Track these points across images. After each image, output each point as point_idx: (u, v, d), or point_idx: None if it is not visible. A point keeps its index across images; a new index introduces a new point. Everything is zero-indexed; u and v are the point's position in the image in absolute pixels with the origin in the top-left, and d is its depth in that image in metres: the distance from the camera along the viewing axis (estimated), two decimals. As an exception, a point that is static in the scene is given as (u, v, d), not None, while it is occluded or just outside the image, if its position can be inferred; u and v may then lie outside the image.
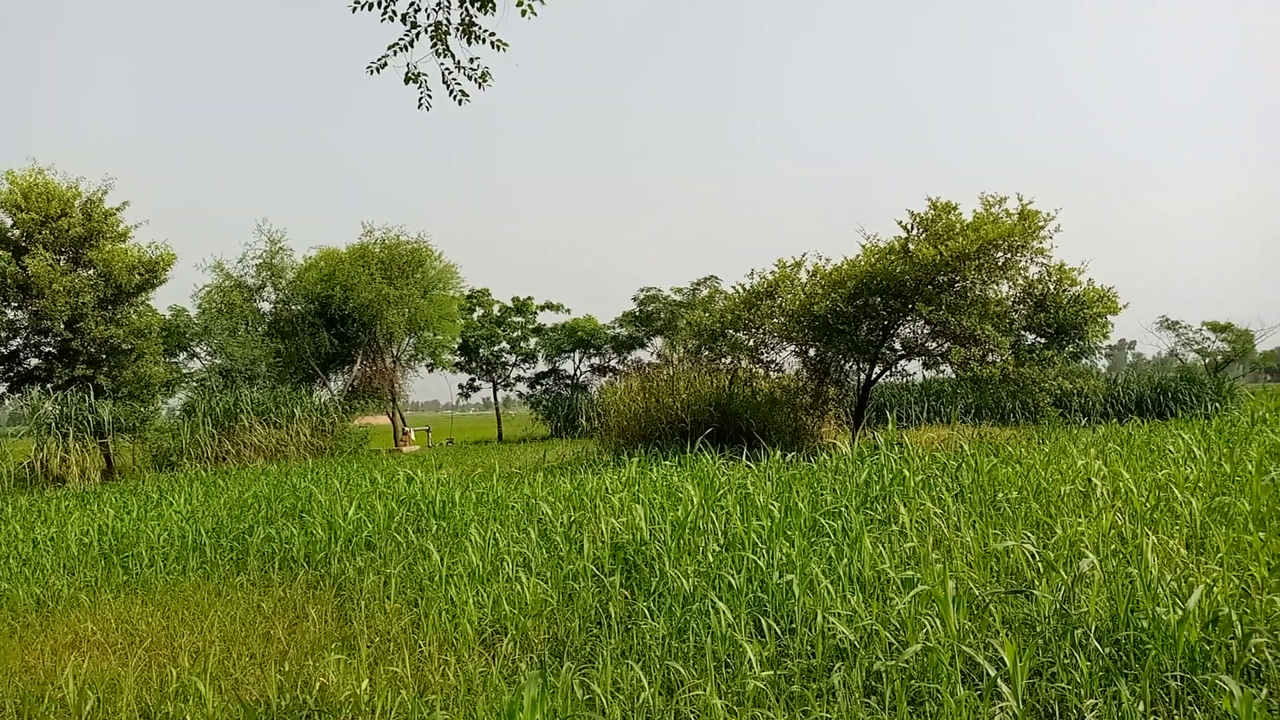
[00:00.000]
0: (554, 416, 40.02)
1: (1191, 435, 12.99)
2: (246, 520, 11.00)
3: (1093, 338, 18.74)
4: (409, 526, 9.62)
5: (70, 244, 25.05)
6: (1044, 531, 7.10)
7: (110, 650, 6.51)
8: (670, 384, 20.26)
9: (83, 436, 23.28)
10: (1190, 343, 37.48)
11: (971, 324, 16.95)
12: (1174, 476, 8.83)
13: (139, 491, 16.34)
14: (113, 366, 25.51)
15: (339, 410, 29.90)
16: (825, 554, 6.67)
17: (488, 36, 6.96)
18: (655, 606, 6.01)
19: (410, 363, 37.09)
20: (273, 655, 5.98)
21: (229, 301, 31.78)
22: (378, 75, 6.89)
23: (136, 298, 26.42)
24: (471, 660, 5.51)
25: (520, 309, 44.02)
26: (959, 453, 11.34)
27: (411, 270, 34.00)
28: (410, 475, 13.63)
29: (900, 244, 18.09)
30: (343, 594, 7.52)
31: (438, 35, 6.86)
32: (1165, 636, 4.51)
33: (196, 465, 23.33)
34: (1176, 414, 26.32)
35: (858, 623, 5.13)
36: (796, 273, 20.21)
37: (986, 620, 5.15)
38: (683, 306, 39.35)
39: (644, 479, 11.06)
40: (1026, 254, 17.82)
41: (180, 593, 8.07)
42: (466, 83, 7.26)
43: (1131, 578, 5.29)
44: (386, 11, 6.70)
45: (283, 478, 16.32)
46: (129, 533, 10.80)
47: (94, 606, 7.83)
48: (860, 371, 20.72)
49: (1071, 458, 10.93)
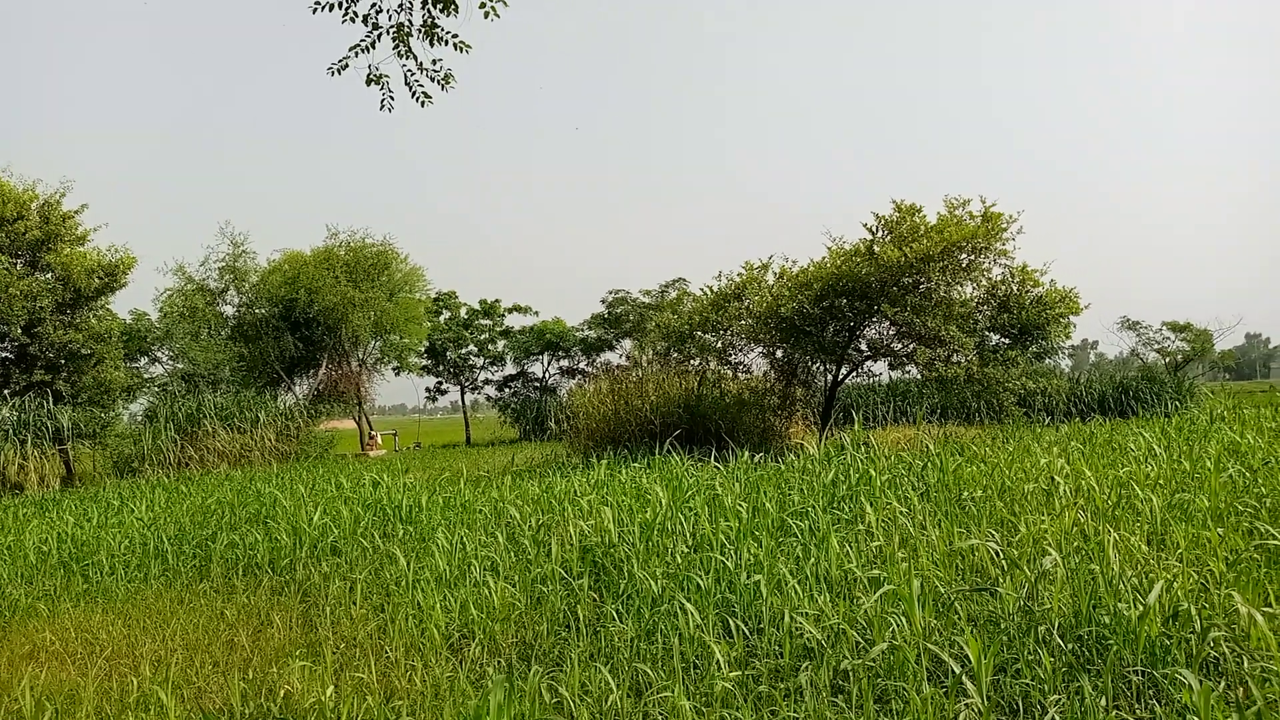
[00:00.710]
0: (522, 419, 39.91)
1: (1152, 433, 13.19)
2: (210, 527, 10.86)
3: (1055, 338, 18.98)
4: (375, 531, 9.53)
5: (27, 247, 24.61)
6: (1008, 529, 7.17)
7: (69, 660, 6.39)
8: (639, 386, 20.25)
9: (41, 443, 22.89)
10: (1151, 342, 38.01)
11: (936, 325, 17.11)
12: (1135, 474, 8.96)
13: (99, 498, 16.07)
14: (72, 371, 25.08)
15: (304, 415, 29.60)
16: (793, 554, 6.70)
17: (450, 38, 6.92)
18: (623, 609, 6.00)
19: (377, 366, 36.82)
20: (236, 663, 5.90)
21: (191, 305, 31.36)
22: (339, 76, 6.83)
23: (96, 302, 25.98)
24: (438, 665, 5.47)
25: (488, 311, 43.83)
26: (924, 452, 11.43)
27: (377, 273, 33.76)
28: (377, 480, 13.51)
29: (865, 246, 18.23)
30: (308, 600, 7.44)
31: (400, 37, 6.81)
32: (1126, 632, 4.57)
33: (159, 471, 23.00)
34: (1138, 412, 26.76)
35: (825, 622, 5.15)
36: (764, 275, 20.30)
37: (952, 618, 5.19)
38: (651, 309, 39.39)
39: (613, 481, 11.05)
40: (990, 255, 18.01)
41: (142, 601, 7.94)
42: (429, 84, 7.22)
43: (1094, 574, 5.36)
44: (348, 13, 6.63)
45: (247, 483, 16.13)
46: (89, 540, 10.61)
47: (53, 616, 7.68)
48: (827, 372, 20.85)
49: (1035, 456, 11.05)
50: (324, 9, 6.55)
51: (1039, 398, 23.37)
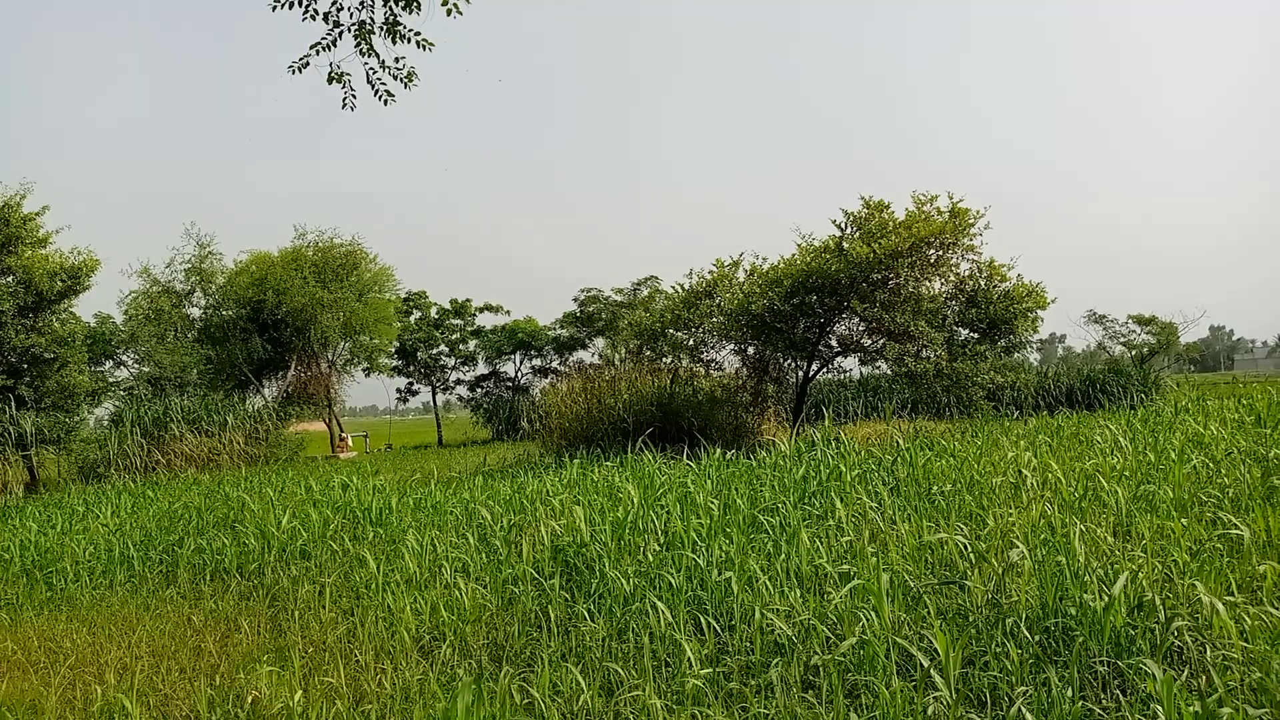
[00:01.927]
0: (495, 419, 39.80)
1: (1118, 426, 13.35)
2: (176, 532, 10.71)
3: (1023, 332, 19.20)
4: (345, 534, 9.45)
5: (-13, 250, 24.17)
6: (976, 523, 7.22)
7: (31, 669, 6.28)
8: (612, 384, 20.25)
9: (4, 449, 22.51)
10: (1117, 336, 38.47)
11: (905, 320, 17.25)
12: (1101, 466, 9.06)
13: (64, 504, 15.81)
14: (35, 376, 24.67)
15: (273, 417, 29.29)
16: (764, 550, 6.72)
17: (413, 36, 6.87)
18: (595, 608, 5.99)
19: (346, 367, 36.51)
20: (203, 669, 5.83)
21: (157, 308, 30.97)
22: (300, 75, 6.75)
23: (59, 305, 25.55)
24: (409, 668, 5.43)
25: (459, 311, 43.65)
26: (894, 447, 11.50)
27: (346, 273, 33.45)
28: (346, 482, 13.39)
29: (835, 242, 18.33)
30: (276, 604, 7.36)
31: (361, 34, 6.75)
32: (1092, 623, 4.63)
33: (125, 476, 22.65)
34: (1104, 405, 27.08)
35: (796, 618, 5.17)
36: (734, 272, 20.37)
37: (921, 612, 5.23)
38: (624, 307, 39.38)
39: (585, 480, 11.03)
40: (958, 251, 18.19)
41: (107, 608, 7.82)
42: (392, 82, 7.16)
43: (1060, 566, 5.41)
44: (308, 10, 6.56)
45: (215, 487, 15.94)
46: (53, 547, 10.44)
47: (14, 625, 7.56)
48: (798, 369, 20.96)
49: (1003, 450, 11.16)
50: (284, 6, 6.47)
51: (1007, 391, 23.58)
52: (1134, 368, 32.18)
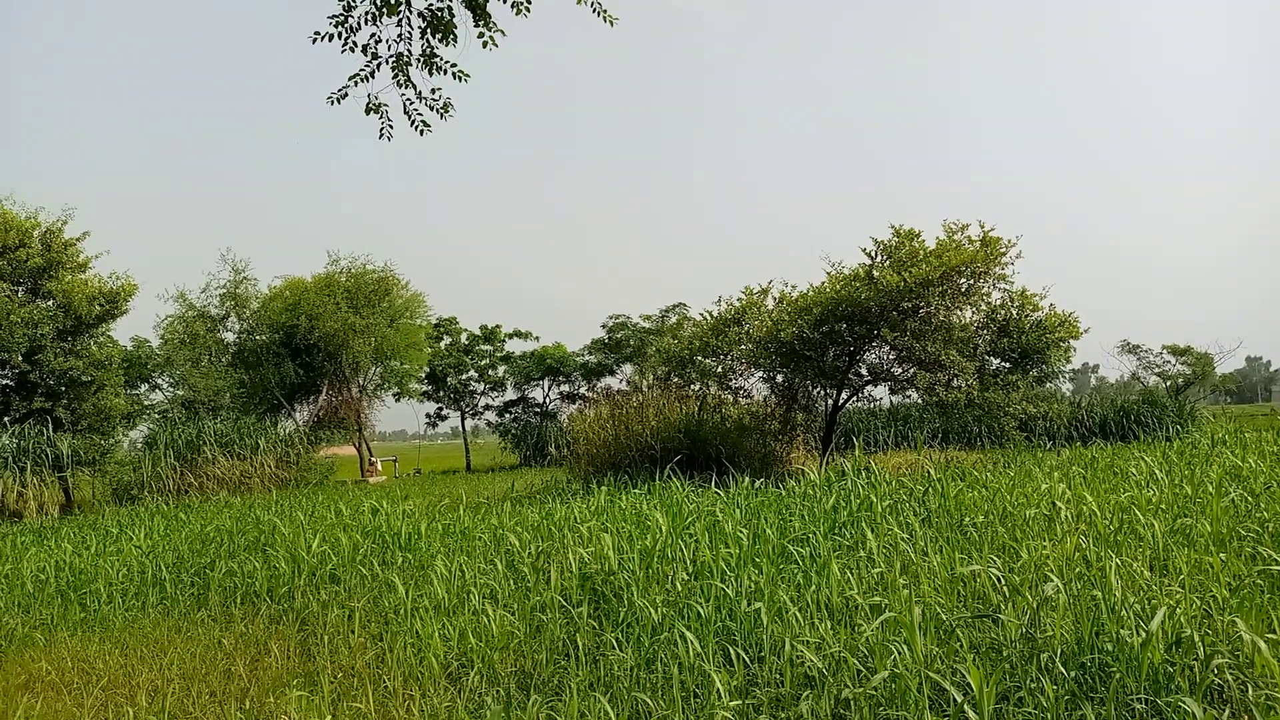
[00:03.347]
0: (523, 445, 39.86)
1: (1153, 458, 13.16)
2: (208, 554, 10.80)
3: (1055, 362, 19.05)
4: (374, 559, 9.49)
5: (29, 275, 24.70)
6: (1010, 555, 7.13)
7: (65, 690, 6.35)
8: (639, 411, 20.24)
9: (40, 470, 22.84)
10: (1151, 366, 38.10)
11: (936, 349, 17.14)
12: (1137, 499, 8.92)
13: (98, 526, 16.02)
14: (72, 399, 25.09)
15: (304, 441, 29.56)
16: (793, 581, 6.67)
17: (449, 67, 6.97)
18: (623, 637, 5.97)
19: (377, 392, 36.80)
20: (233, 692, 5.86)
21: (192, 332, 31.42)
22: (338, 105, 6.87)
23: (97, 329, 26.05)
24: (436, 695, 5.43)
25: (488, 337, 43.88)
26: (926, 477, 11.40)
27: (378, 299, 33.78)
28: (376, 506, 13.46)
29: (865, 271, 18.30)
30: (306, 629, 7.40)
31: (399, 66, 6.87)
32: (1129, 659, 4.54)
33: (158, 498, 22.91)
34: (1139, 436, 26.67)
35: (826, 650, 5.12)
36: (763, 300, 20.37)
37: (953, 646, 5.16)
38: (652, 334, 39.43)
39: (613, 508, 11.01)
40: (989, 280, 18.10)
41: (139, 630, 7.89)
42: (428, 113, 7.26)
43: (1096, 600, 5.33)
44: (347, 43, 6.69)
45: (246, 510, 16.07)
46: (87, 568, 10.56)
47: (49, 645, 7.64)
48: (827, 397, 20.87)
49: (1036, 481, 11.03)
50: (324, 39, 6.60)
51: (1040, 422, 23.33)
52: (1169, 399, 31.78)
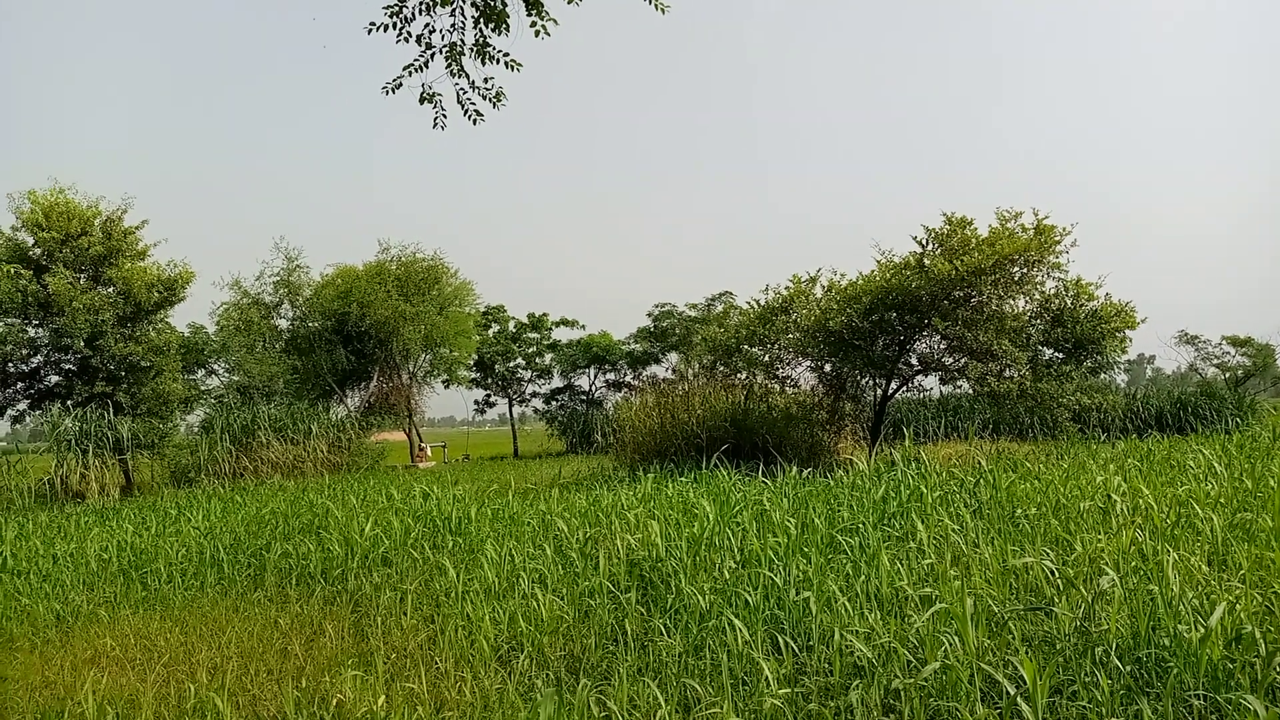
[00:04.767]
0: (569, 432, 40.08)
1: (1212, 451, 12.88)
2: (264, 536, 11.03)
3: (1111, 352, 18.64)
4: (425, 542, 9.62)
5: (90, 262, 25.29)
6: (1063, 548, 7.04)
7: (129, 666, 6.53)
8: (685, 399, 20.24)
9: (102, 453, 23.42)
10: (1210, 357, 37.20)
11: (988, 339, 16.90)
12: (1195, 493, 8.75)
13: (157, 508, 16.42)
14: (132, 383, 25.68)
15: (355, 426, 29.98)
16: (842, 571, 6.64)
17: (501, 57, 7.02)
18: (671, 623, 6.00)
19: (426, 379, 37.17)
20: (290, 671, 5.99)
21: (247, 319, 31.96)
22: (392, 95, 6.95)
23: (155, 315, 26.61)
24: (488, 677, 5.51)
25: (536, 325, 44.12)
26: (977, 468, 11.27)
27: (428, 287, 34.10)
28: (426, 491, 13.64)
29: (916, 259, 18.07)
30: (359, 610, 7.53)
31: (452, 56, 6.93)
32: (1187, 655, 4.47)
33: (214, 481, 23.43)
34: (1196, 429, 26.12)
35: (876, 640, 5.10)
36: (811, 288, 20.20)
37: (1005, 638, 5.11)
38: (698, 322, 39.33)
39: (659, 495, 11.05)
40: (1043, 268, 17.77)
41: (198, 609, 8.09)
42: (481, 102, 7.32)
43: (1152, 595, 5.24)
44: (401, 33, 6.76)
45: (300, 494, 16.38)
46: (147, 549, 10.84)
47: (113, 622, 7.86)
48: (876, 387, 20.67)
49: (1090, 473, 10.86)
50: (379, 29, 6.68)
51: (1094, 413, 22.90)
52: (1228, 390, 30.98)
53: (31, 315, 24.73)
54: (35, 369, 25.69)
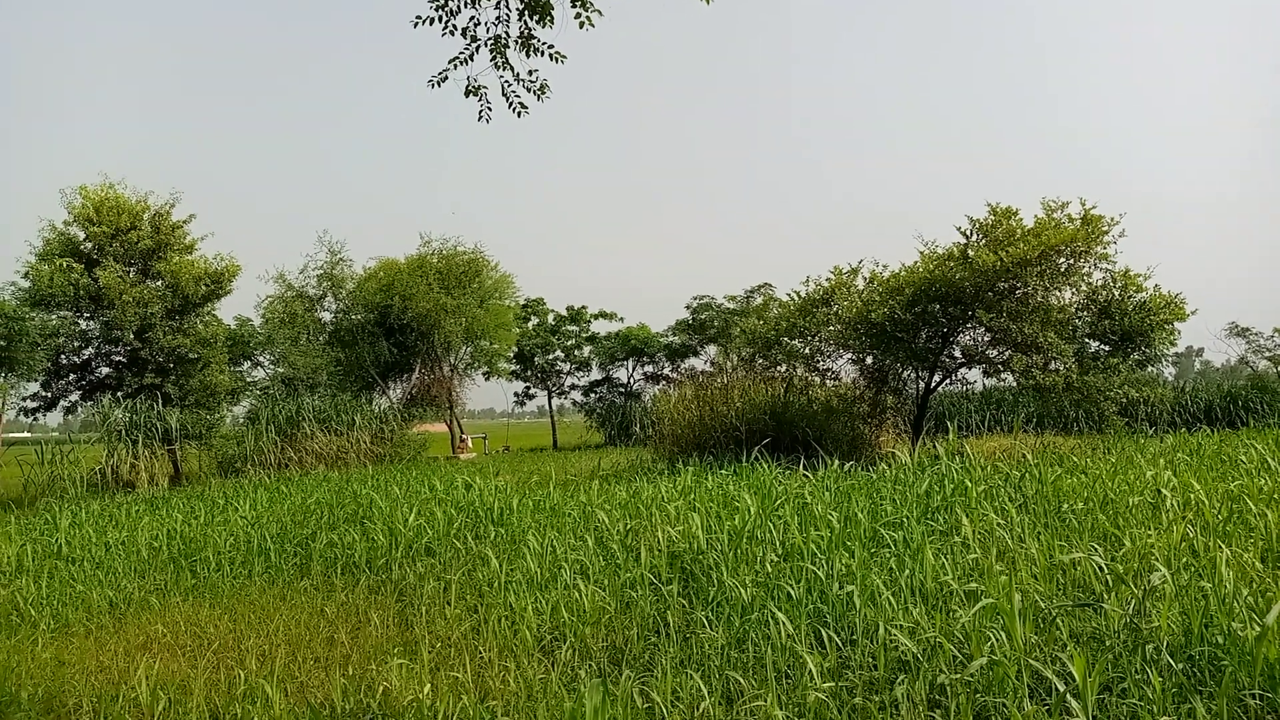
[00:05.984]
0: (608, 424, 40.22)
1: (1265, 445, 12.59)
2: (309, 526, 11.18)
3: (1159, 345, 18.30)
4: (468, 533, 9.70)
5: (139, 256, 25.78)
6: (1112, 544, 6.93)
7: (180, 652, 6.66)
8: (724, 392, 20.18)
9: (151, 443, 23.88)
10: (1261, 350, 36.28)
11: (1033, 331, 16.66)
12: (1247, 488, 8.56)
13: (205, 497, 16.69)
14: (180, 375, 26.15)
15: (398, 418, 30.29)
16: (886, 565, 6.59)
17: (546, 49, 7.04)
18: (713, 616, 5.99)
19: (467, 371, 37.45)
20: (336, 659, 6.08)
21: (291, 311, 32.41)
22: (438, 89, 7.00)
23: (203, 308, 27.06)
24: (531, 667, 5.54)
25: (575, 318, 44.28)
26: (1022, 462, 11.13)
27: (468, 280, 34.33)
28: (468, 482, 13.73)
29: (959, 250, 17.84)
30: (404, 599, 7.61)
31: (497, 49, 6.96)
32: (1242, 653, 4.38)
33: (260, 472, 23.76)
34: (1248, 423, 25.53)
35: (920, 635, 5.06)
36: (853, 280, 20.03)
37: (1053, 634, 5.05)
38: (736, 314, 39.22)
39: (699, 488, 11.03)
40: (1090, 260, 17.48)
41: (246, 597, 8.23)
42: (525, 95, 7.34)
43: (1205, 592, 5.15)
44: (447, 26, 6.80)
45: (344, 484, 16.57)
46: (196, 537, 11.04)
47: (164, 609, 8.01)
48: (919, 380, 20.45)
49: (1139, 468, 10.67)
50: (425, 23, 6.73)
51: (1141, 407, 22.48)
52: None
53: (83, 308, 25.29)
54: (86, 361, 26.27)
